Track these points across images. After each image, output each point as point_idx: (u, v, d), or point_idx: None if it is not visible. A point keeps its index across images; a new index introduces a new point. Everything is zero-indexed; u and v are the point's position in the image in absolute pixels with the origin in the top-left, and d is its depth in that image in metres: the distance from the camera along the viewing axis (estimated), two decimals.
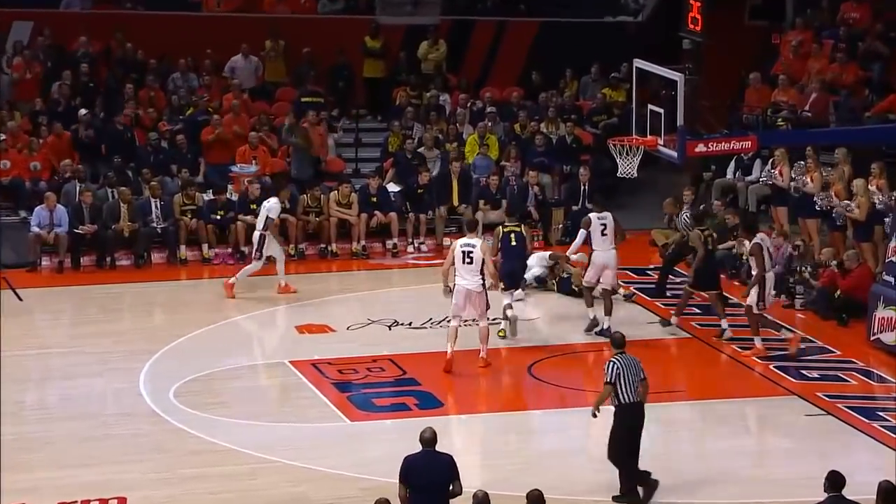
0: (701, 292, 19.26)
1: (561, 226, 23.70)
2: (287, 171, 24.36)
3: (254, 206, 22.86)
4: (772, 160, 22.52)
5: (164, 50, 26.20)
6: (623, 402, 13.61)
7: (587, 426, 14.52)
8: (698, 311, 19.81)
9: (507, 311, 18.84)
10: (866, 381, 17.73)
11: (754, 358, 18.20)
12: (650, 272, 21.09)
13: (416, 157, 24.63)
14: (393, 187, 24.17)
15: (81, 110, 24.52)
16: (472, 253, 17.62)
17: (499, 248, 19.01)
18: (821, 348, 18.80)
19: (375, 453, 14.98)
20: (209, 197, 23.29)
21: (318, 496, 14.27)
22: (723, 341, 18.84)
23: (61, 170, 23.43)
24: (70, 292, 21.27)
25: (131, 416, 16.30)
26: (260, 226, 20.83)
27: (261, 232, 20.75)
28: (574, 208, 23.40)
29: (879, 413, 16.44)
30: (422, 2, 26.53)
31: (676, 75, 17.27)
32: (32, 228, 22.01)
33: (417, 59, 27.05)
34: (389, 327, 19.56)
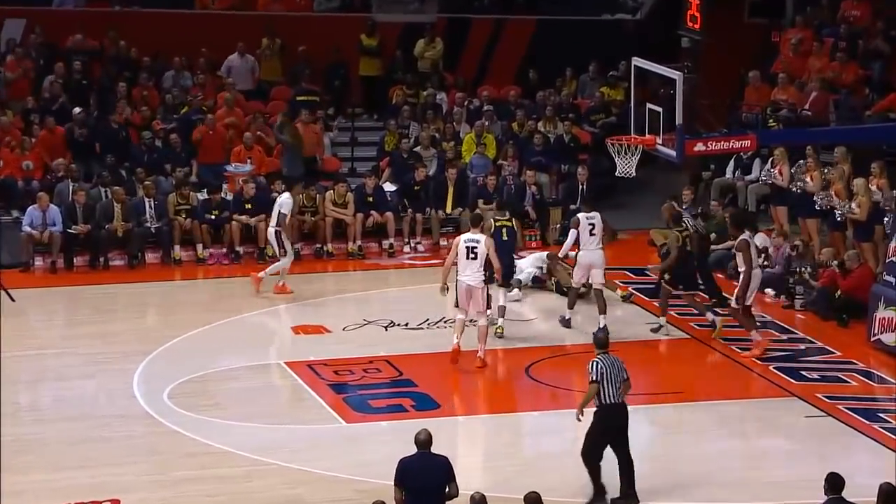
0: (680, 290, 19.34)
1: (559, 225, 23.72)
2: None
3: (249, 206, 22.92)
4: (771, 159, 22.55)
5: (158, 48, 26.19)
6: (605, 403, 13.60)
7: (585, 428, 14.49)
8: (697, 311, 19.81)
9: (500, 317, 18.91)
10: (867, 382, 17.75)
11: (753, 359, 18.22)
12: (648, 272, 21.09)
13: (413, 156, 24.65)
14: (389, 187, 24.17)
15: (76, 109, 24.52)
16: (477, 248, 17.66)
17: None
18: (821, 349, 18.83)
19: (372, 455, 14.98)
20: (204, 196, 23.29)
21: (314, 498, 14.27)
22: (718, 339, 18.86)
23: (54, 169, 23.44)
24: (63, 293, 21.27)
25: (125, 418, 16.30)
26: (273, 222, 20.82)
27: (275, 228, 20.73)
28: (572, 207, 23.41)
29: (880, 414, 16.46)
30: None
31: (675, 74, 17.29)
32: (24, 228, 22.01)
33: (414, 58, 27.07)
34: (386, 328, 19.57)
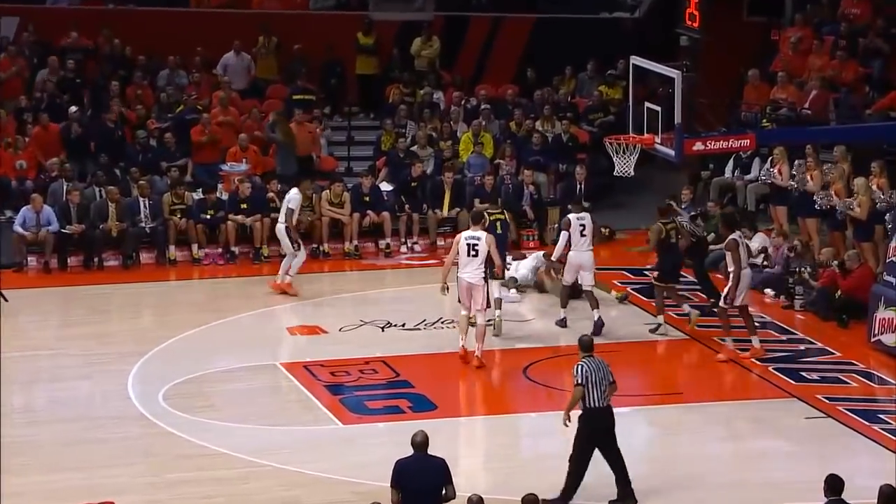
0: (672, 284, 19.46)
1: (556, 225, 23.68)
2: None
3: (244, 206, 22.92)
4: (770, 159, 22.56)
5: (153, 46, 26.17)
6: (589, 407, 13.60)
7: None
8: (697, 312, 19.82)
9: (496, 309, 18.94)
10: (867, 383, 17.76)
11: (753, 359, 18.24)
12: (647, 272, 21.11)
13: (410, 155, 24.65)
14: (386, 186, 24.17)
15: (72, 108, 24.50)
16: (478, 245, 17.73)
17: None
18: (821, 350, 18.84)
19: (368, 457, 14.99)
20: (199, 196, 23.29)
21: (311, 500, 14.28)
22: (695, 328, 19.08)
23: (48, 168, 23.42)
24: (57, 293, 21.27)
25: (120, 420, 16.30)
26: (282, 218, 20.82)
27: (284, 224, 20.73)
28: (570, 207, 23.40)
29: (880, 416, 16.47)
30: None
31: (674, 72, 17.30)
32: (15, 228, 21.99)
33: (411, 56, 27.07)
34: (382, 329, 19.57)
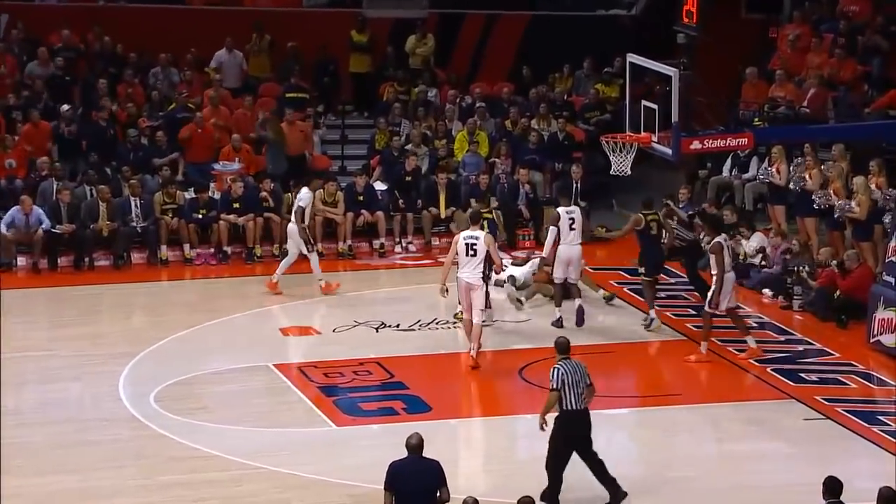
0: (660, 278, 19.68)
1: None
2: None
3: (236, 205, 22.92)
4: (768, 157, 22.58)
5: (144, 44, 26.16)
6: (566, 409, 13.60)
7: None
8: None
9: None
10: (866, 384, 17.76)
11: (751, 360, 18.27)
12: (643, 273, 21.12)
13: (404, 154, 24.64)
14: (380, 185, 24.18)
15: (63, 106, 24.48)
16: (476, 245, 17.81)
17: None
18: (819, 350, 18.86)
19: (362, 459, 14.98)
20: (191, 195, 23.28)
21: (304, 503, 14.27)
22: (652, 330, 19.23)
23: (38, 167, 23.40)
24: (47, 293, 21.26)
25: (111, 422, 16.28)
26: (294, 218, 20.82)
27: (300, 225, 20.74)
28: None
29: (879, 417, 16.47)
30: None
31: (671, 70, 17.33)
32: (1, 227, 21.96)
33: (405, 54, 27.07)
34: (376, 329, 19.57)
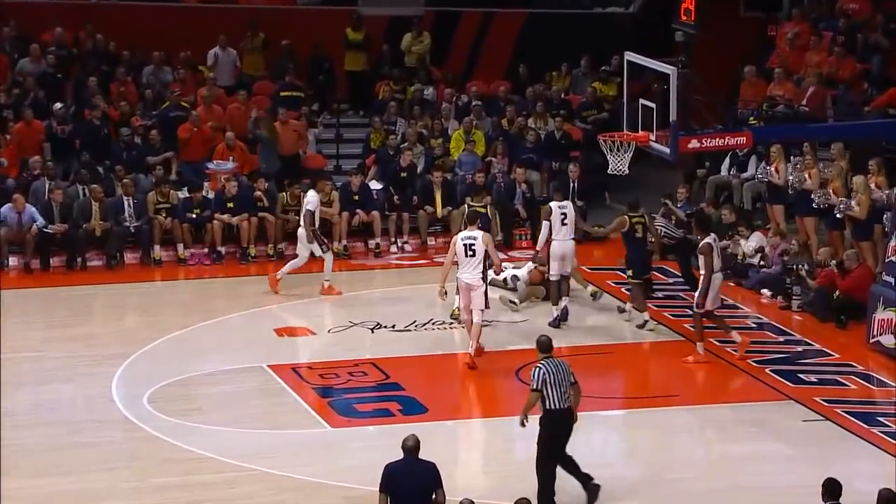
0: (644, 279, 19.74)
1: None
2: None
3: (230, 205, 22.91)
4: (766, 156, 22.57)
5: (137, 42, 26.13)
6: (550, 408, 13.63)
7: (575, 432, 14.50)
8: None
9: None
10: (866, 385, 17.77)
11: (743, 353, 18.26)
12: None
13: (400, 152, 24.61)
14: (375, 185, 24.17)
15: (56, 104, 24.46)
16: (475, 245, 17.86)
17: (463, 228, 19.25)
18: (819, 351, 18.87)
19: (358, 461, 14.98)
20: (184, 195, 23.27)
21: None
22: (651, 330, 19.34)
23: (31, 167, 23.38)
24: (39, 294, 21.24)
25: (103, 423, 16.28)
26: (305, 222, 20.82)
27: (309, 229, 20.75)
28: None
29: (879, 418, 16.48)
30: None
31: (669, 69, 17.32)
32: None
33: (401, 52, 27.06)
34: (372, 330, 19.57)
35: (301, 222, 20.98)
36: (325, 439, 16.00)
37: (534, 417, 13.81)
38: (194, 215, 22.90)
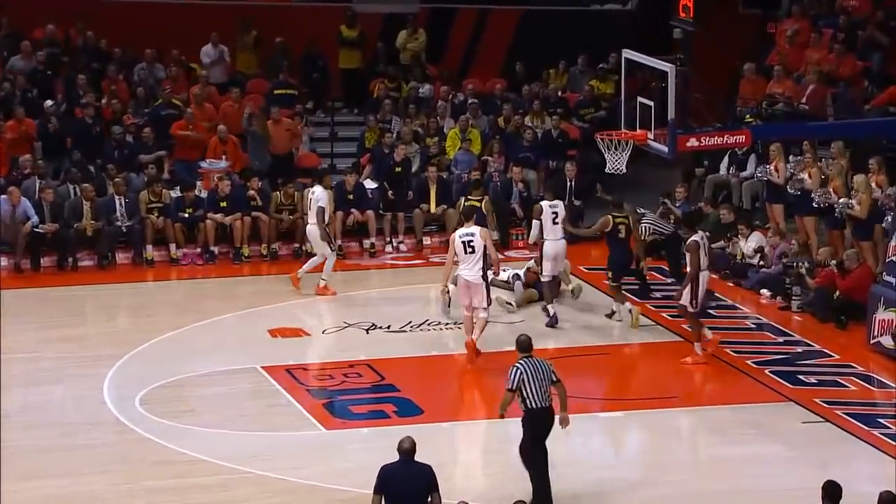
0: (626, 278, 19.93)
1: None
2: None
3: (223, 204, 22.90)
4: (764, 155, 22.58)
5: (129, 39, 26.12)
6: (530, 407, 13.67)
7: (573, 434, 14.55)
8: (613, 298, 19.96)
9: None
10: (866, 386, 17.78)
11: (715, 349, 18.29)
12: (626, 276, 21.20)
13: (394, 149, 24.56)
14: (370, 184, 24.17)
15: (47, 101, 24.45)
16: (473, 241, 17.94)
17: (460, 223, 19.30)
18: (818, 352, 18.89)
19: (353, 463, 14.99)
20: (177, 194, 23.26)
21: None
22: (617, 320, 19.56)
23: (21, 165, 23.36)
24: (29, 295, 21.22)
25: (95, 425, 16.27)
26: (312, 219, 20.83)
27: (315, 225, 20.74)
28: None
29: (880, 420, 16.50)
30: None
31: (667, 66, 17.33)
32: None
33: (396, 50, 27.06)
34: (367, 331, 19.58)
35: (310, 220, 20.94)
36: (319, 441, 16.00)
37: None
38: (187, 215, 22.89)
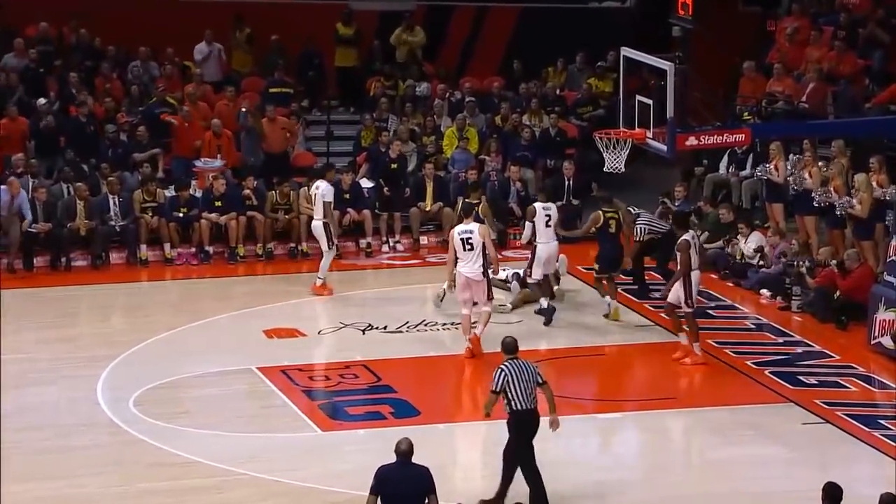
0: (611, 274, 19.93)
1: None
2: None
3: (218, 203, 22.90)
4: (757, 153, 22.63)
5: (123, 37, 26.10)
6: (515, 409, 13.72)
7: (571, 436, 14.58)
8: (601, 293, 20.00)
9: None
10: (867, 387, 17.80)
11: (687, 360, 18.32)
12: (624, 275, 21.22)
13: (391, 147, 24.54)
14: (366, 183, 24.18)
15: (40, 100, 24.43)
16: (472, 238, 18.02)
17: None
18: (819, 353, 18.90)
19: (348, 465, 15.00)
20: (171, 193, 23.26)
21: None
22: (613, 320, 19.67)
23: (14, 164, 23.35)
24: (22, 295, 21.20)
25: (89, 427, 16.27)
26: (318, 214, 20.82)
27: (322, 221, 20.75)
28: (559, 204, 23.38)
29: (880, 421, 16.51)
30: None
31: (666, 64, 17.36)
32: None
33: (392, 48, 27.05)
34: (363, 331, 19.58)
35: (316, 216, 20.92)
36: (315, 443, 16.00)
37: (546, 420, 13.87)
38: (181, 214, 22.89)
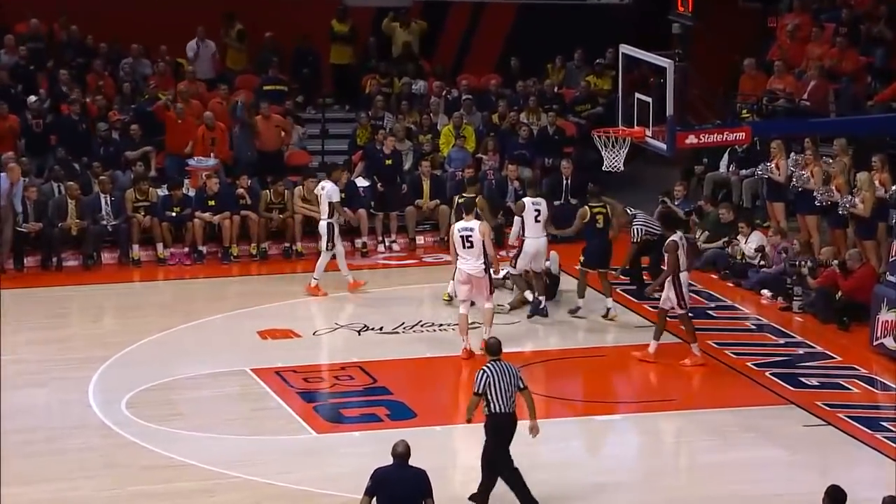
0: (591, 271, 20.00)
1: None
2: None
3: (212, 203, 22.89)
4: (758, 151, 22.64)
5: (115, 34, 26.09)
6: (493, 412, 13.74)
7: (569, 437, 14.59)
8: (602, 293, 19.99)
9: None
10: (869, 388, 17.81)
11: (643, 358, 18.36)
12: (622, 276, 21.24)
13: (384, 143, 24.52)
14: (362, 182, 24.17)
15: (31, 97, 24.42)
16: (471, 236, 18.07)
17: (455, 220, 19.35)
18: (820, 354, 18.91)
19: (344, 468, 15.00)
20: (164, 192, 23.25)
21: None
22: (609, 320, 19.70)
23: (3, 162, 23.33)
24: (12, 295, 21.15)
25: (80, 429, 16.27)
26: (324, 214, 20.82)
27: (327, 221, 20.75)
28: (556, 203, 23.42)
29: (883, 423, 16.51)
30: None
31: (665, 62, 17.35)
32: None
33: (388, 45, 27.05)
34: (359, 332, 19.58)
35: (323, 216, 20.89)
36: (310, 445, 16.00)
37: (544, 422, 13.87)
38: (174, 213, 22.89)
